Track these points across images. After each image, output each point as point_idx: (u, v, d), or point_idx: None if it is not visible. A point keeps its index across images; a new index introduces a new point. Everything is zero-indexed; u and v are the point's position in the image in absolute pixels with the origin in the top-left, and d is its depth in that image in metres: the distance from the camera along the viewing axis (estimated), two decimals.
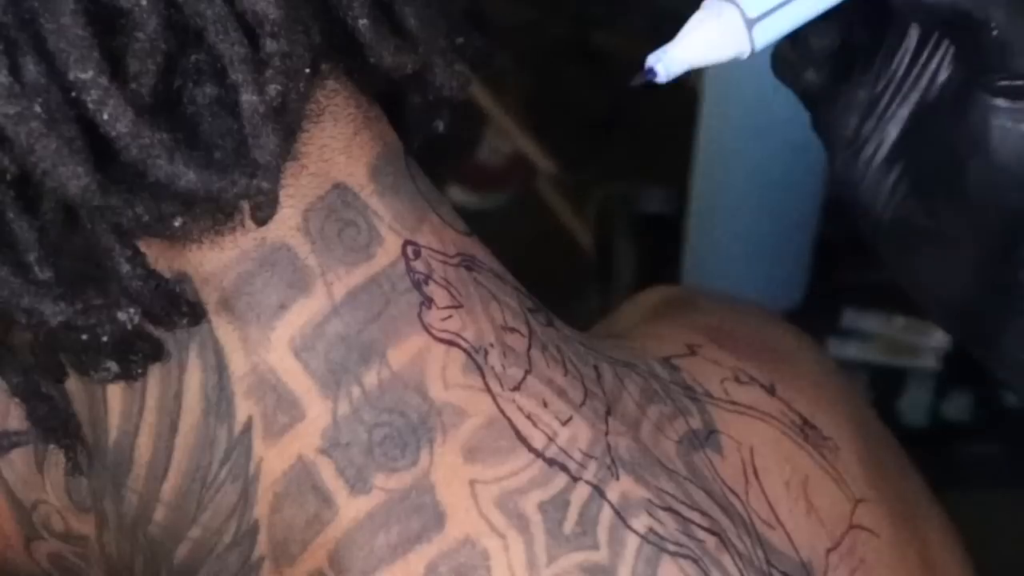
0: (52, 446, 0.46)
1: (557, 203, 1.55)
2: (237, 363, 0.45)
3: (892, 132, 0.50)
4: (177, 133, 0.41)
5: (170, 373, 0.45)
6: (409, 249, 0.47)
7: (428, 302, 0.47)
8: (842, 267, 1.14)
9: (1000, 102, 0.47)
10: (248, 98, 0.42)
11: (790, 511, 0.52)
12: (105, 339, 0.42)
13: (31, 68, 0.40)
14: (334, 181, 0.46)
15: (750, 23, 0.45)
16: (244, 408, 0.45)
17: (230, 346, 0.45)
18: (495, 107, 1.57)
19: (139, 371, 0.44)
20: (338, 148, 0.46)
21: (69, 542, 0.49)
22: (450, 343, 0.47)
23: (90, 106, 0.40)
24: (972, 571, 0.61)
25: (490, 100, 1.56)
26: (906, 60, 0.50)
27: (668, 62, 0.44)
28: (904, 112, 0.50)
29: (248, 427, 0.45)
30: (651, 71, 0.44)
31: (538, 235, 1.51)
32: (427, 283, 0.47)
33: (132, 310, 0.42)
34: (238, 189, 0.42)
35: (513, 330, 0.48)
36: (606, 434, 0.48)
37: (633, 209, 1.25)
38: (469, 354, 0.47)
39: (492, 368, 0.47)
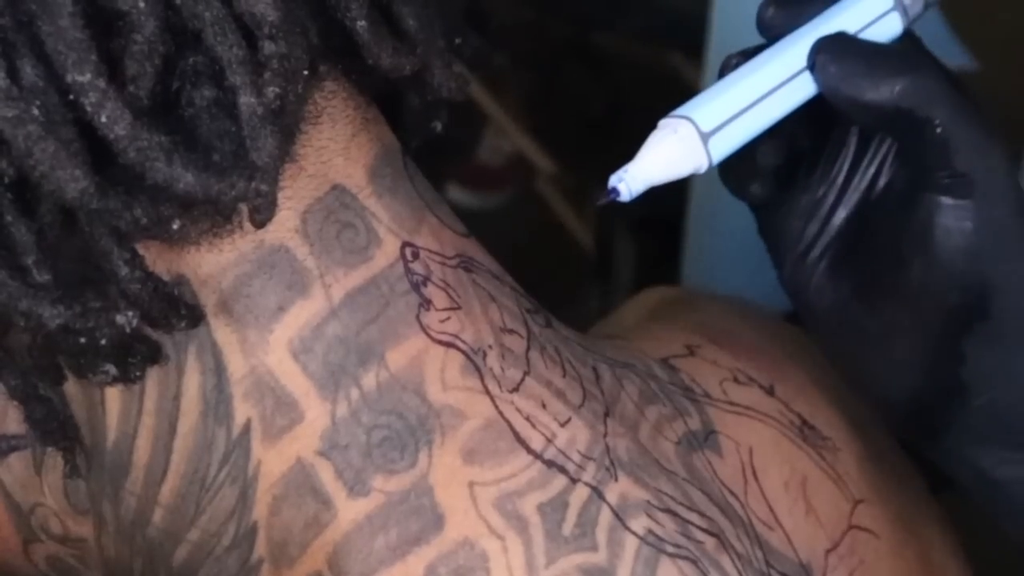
0: (50, 449, 0.46)
1: (557, 203, 1.55)
2: (235, 365, 0.45)
3: (834, 235, 0.51)
4: (175, 135, 0.41)
5: (168, 375, 0.45)
6: (407, 251, 0.47)
7: (427, 304, 0.47)
8: None
9: (944, 200, 0.48)
10: (246, 100, 0.42)
11: (789, 512, 0.52)
12: (103, 342, 0.42)
13: (29, 71, 0.40)
14: (332, 183, 0.46)
15: (705, 137, 0.47)
16: (243, 410, 0.45)
17: (228, 348, 0.45)
18: (495, 107, 1.57)
19: (137, 374, 0.44)
20: (336, 150, 0.46)
21: (67, 545, 0.49)
22: (449, 345, 0.47)
23: (88, 109, 0.40)
24: (970, 571, 0.61)
25: (490, 100, 1.56)
26: (847, 165, 0.51)
27: (630, 181, 0.46)
28: (846, 215, 0.51)
29: (247, 429, 0.45)
30: (615, 191, 0.46)
31: (538, 235, 1.51)
32: (426, 285, 0.47)
33: (130, 313, 0.42)
34: (236, 192, 0.42)
35: (511, 331, 0.48)
36: (605, 435, 0.48)
37: (633, 209, 1.24)
38: (468, 356, 0.47)
39: (491, 370, 0.47)
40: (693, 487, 0.50)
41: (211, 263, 0.45)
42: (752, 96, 0.48)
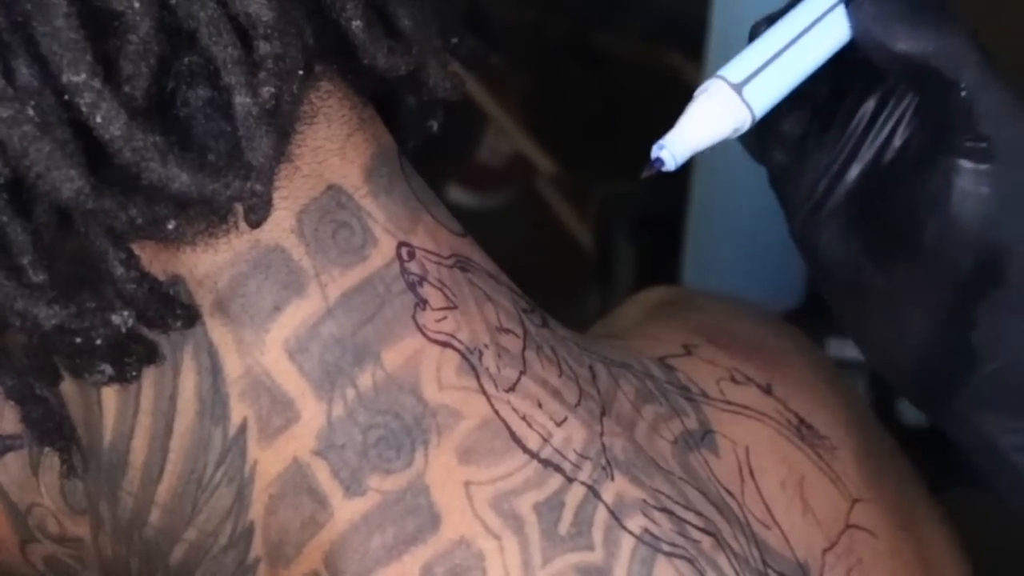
0: (47, 449, 0.46)
1: (557, 203, 1.55)
2: (231, 365, 0.45)
3: (847, 192, 0.51)
4: (170, 136, 0.41)
5: (164, 375, 0.45)
6: (403, 250, 0.47)
7: (422, 303, 0.47)
8: None
9: (964, 163, 0.47)
10: (241, 100, 0.42)
11: (786, 511, 0.52)
12: (99, 342, 0.42)
13: (24, 71, 0.40)
14: (328, 182, 0.46)
15: (737, 88, 0.46)
16: (239, 410, 0.45)
17: (224, 348, 0.45)
18: (495, 107, 1.57)
19: (134, 374, 0.44)
20: (332, 149, 0.46)
21: (64, 545, 0.49)
22: (445, 344, 0.47)
23: (83, 109, 0.40)
24: (970, 571, 0.61)
25: (490, 100, 1.56)
26: (864, 122, 0.51)
27: (672, 147, 0.45)
28: (859, 172, 0.51)
29: (243, 429, 0.45)
30: (659, 160, 0.45)
31: (538, 235, 1.51)
32: (421, 284, 0.47)
33: (126, 313, 0.42)
34: (232, 192, 0.42)
35: (508, 331, 0.48)
36: (601, 435, 0.48)
37: (633, 209, 1.25)
38: (464, 355, 0.47)
39: (487, 369, 0.47)
40: (690, 486, 0.50)
41: (207, 263, 0.45)
42: (779, 44, 0.48)
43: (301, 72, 0.43)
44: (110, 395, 0.46)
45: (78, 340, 0.42)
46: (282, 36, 0.42)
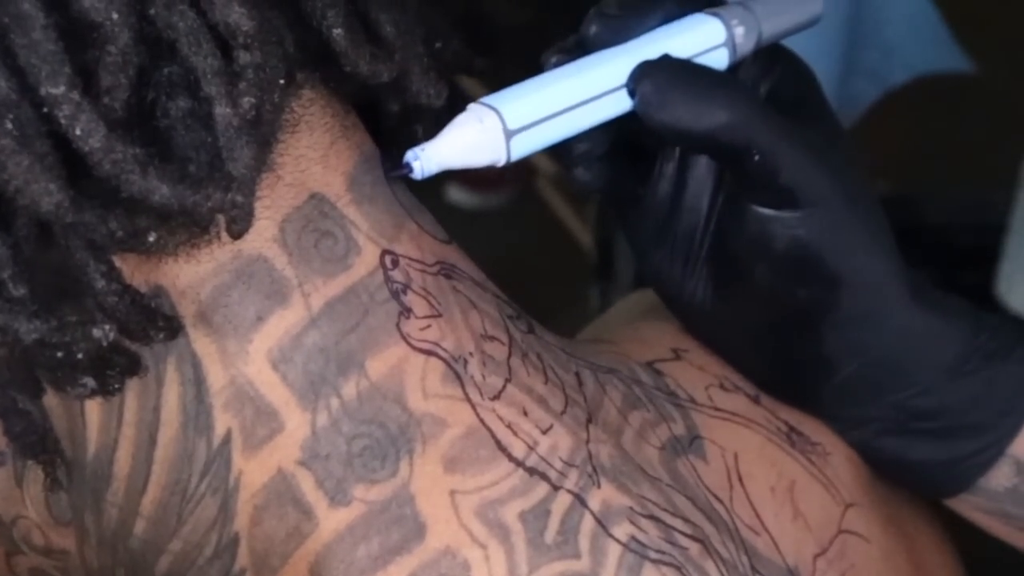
0: (31, 461, 0.46)
1: (557, 203, 1.55)
2: (215, 376, 0.45)
3: (687, 230, 0.53)
4: (150, 147, 0.41)
5: (148, 387, 0.45)
6: (387, 259, 0.47)
7: (407, 312, 0.47)
8: None
9: (773, 213, 0.50)
10: (222, 111, 0.42)
11: (776, 516, 0.52)
12: (80, 356, 0.42)
13: (2, 83, 0.40)
14: (311, 191, 0.46)
15: (509, 134, 0.46)
16: (223, 421, 0.45)
17: (208, 359, 0.45)
18: None
19: (116, 386, 0.44)
20: (315, 158, 0.46)
21: (50, 556, 0.49)
22: (429, 353, 0.47)
23: (62, 121, 0.40)
24: (963, 574, 0.61)
25: None
26: (701, 161, 0.52)
27: (425, 160, 0.45)
28: (699, 208, 0.53)
29: (227, 440, 0.45)
30: (407, 166, 0.45)
31: (538, 235, 1.51)
32: (405, 293, 0.47)
33: (107, 327, 0.42)
34: (212, 203, 0.42)
35: (493, 338, 0.48)
36: (587, 442, 0.48)
37: None
38: (448, 364, 0.47)
39: (472, 377, 0.47)
40: (677, 493, 0.49)
41: (189, 274, 0.44)
42: (565, 103, 0.48)
43: (282, 81, 0.43)
44: (93, 407, 0.45)
45: (59, 354, 0.42)
46: (263, 45, 0.42)
